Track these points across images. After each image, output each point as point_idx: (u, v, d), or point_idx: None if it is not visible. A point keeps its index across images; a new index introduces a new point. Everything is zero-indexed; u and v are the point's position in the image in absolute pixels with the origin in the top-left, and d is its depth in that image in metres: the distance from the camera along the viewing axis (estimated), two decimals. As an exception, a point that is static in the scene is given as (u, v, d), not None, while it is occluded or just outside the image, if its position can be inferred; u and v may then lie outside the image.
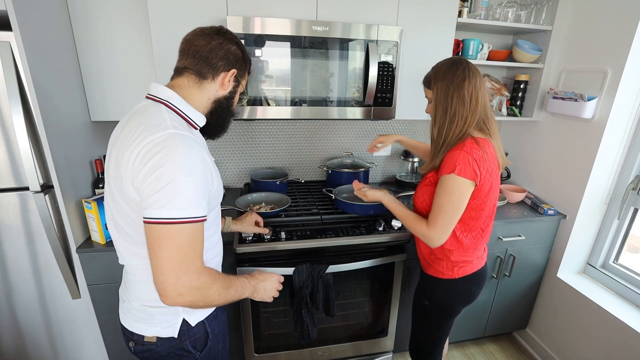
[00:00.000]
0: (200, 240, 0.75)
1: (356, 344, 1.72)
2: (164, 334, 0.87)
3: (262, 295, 0.97)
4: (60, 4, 1.29)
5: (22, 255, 1.32)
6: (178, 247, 0.71)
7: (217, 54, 0.85)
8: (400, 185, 2.05)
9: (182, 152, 0.71)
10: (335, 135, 2.03)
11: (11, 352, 1.44)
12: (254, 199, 1.67)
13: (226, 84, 0.88)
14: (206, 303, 0.78)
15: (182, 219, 0.71)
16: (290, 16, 1.42)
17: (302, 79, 1.47)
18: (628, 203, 1.62)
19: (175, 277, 0.71)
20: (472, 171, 1.05)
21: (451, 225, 1.12)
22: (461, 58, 1.13)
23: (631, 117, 1.57)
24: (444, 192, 1.09)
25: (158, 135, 0.71)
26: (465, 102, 1.08)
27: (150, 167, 0.70)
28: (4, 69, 1.09)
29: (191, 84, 0.86)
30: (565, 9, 1.71)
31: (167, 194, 0.69)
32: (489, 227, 1.22)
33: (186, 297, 0.73)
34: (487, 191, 1.12)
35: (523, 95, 1.94)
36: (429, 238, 1.14)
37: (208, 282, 0.76)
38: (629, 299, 1.61)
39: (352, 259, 1.49)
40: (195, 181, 0.73)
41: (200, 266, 0.75)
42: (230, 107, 0.95)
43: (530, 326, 2.05)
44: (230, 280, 0.85)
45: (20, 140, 1.14)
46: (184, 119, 0.83)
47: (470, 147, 1.07)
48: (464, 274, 1.22)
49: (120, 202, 0.79)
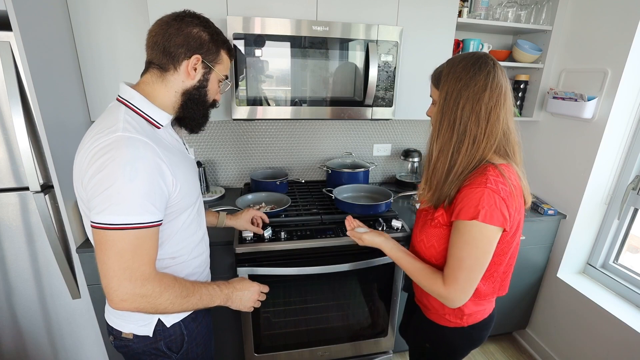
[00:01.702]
0: (148, 246, 0.72)
1: (356, 344, 1.72)
2: (139, 332, 0.87)
3: (238, 305, 0.94)
4: (60, 4, 1.30)
5: (22, 255, 1.32)
6: (119, 253, 0.69)
7: (174, 41, 0.78)
8: (400, 185, 2.05)
9: (125, 157, 0.68)
10: (335, 135, 2.03)
11: (11, 352, 1.44)
12: (254, 199, 1.67)
13: (192, 72, 0.82)
14: (157, 310, 0.75)
15: (123, 225, 0.68)
16: (290, 16, 1.43)
17: (302, 79, 1.47)
18: (628, 203, 1.62)
19: (116, 283, 0.69)
20: (500, 215, 0.81)
21: (475, 282, 0.87)
22: (488, 56, 0.86)
23: (631, 117, 1.57)
24: (466, 244, 0.84)
25: (106, 139, 0.70)
26: (481, 120, 0.83)
27: (93, 170, 0.69)
28: (4, 69, 1.09)
29: (154, 79, 0.82)
30: (565, 9, 1.71)
31: (107, 199, 0.68)
32: (510, 271, 0.99)
33: (130, 304, 0.71)
34: (513, 234, 0.89)
35: (523, 95, 1.94)
36: (447, 299, 0.89)
37: (156, 290, 0.73)
38: (629, 299, 1.61)
39: (352, 259, 1.49)
40: (139, 186, 0.69)
41: (148, 273, 0.72)
42: (203, 97, 0.87)
43: (530, 326, 2.05)
44: (194, 288, 0.82)
45: (20, 140, 1.14)
46: (144, 118, 0.79)
47: (495, 181, 0.81)
48: (474, 322, 1.00)
49: (80, 203, 0.80)
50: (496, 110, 0.84)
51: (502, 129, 0.86)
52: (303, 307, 1.62)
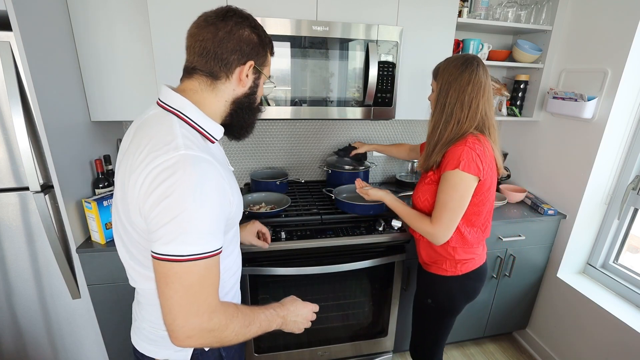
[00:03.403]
0: (214, 275, 0.66)
1: (356, 344, 1.72)
2: (175, 357, 0.80)
3: (292, 327, 0.86)
4: (60, 4, 1.29)
5: (22, 255, 1.32)
6: (187, 286, 0.62)
7: (227, 46, 0.71)
8: (400, 185, 2.05)
9: (193, 179, 0.61)
10: (335, 136, 2.03)
11: (11, 352, 1.44)
12: (254, 199, 1.67)
13: (244, 79, 0.75)
14: (222, 344, 0.69)
15: (193, 256, 0.62)
16: (290, 16, 1.42)
17: (302, 79, 1.47)
18: (628, 203, 1.62)
19: (183, 319, 0.62)
20: (475, 166, 1.05)
21: (456, 221, 1.11)
22: (474, 58, 1.10)
23: (631, 117, 1.57)
24: (448, 188, 1.08)
25: (167, 158, 0.62)
26: (464, 107, 1.08)
27: (157, 196, 0.61)
28: (4, 69, 1.09)
29: (203, 87, 0.74)
30: (565, 9, 1.71)
31: (176, 228, 0.61)
32: (489, 223, 1.24)
33: (196, 340, 0.65)
34: (487, 187, 1.12)
35: (523, 95, 1.94)
36: (433, 235, 1.13)
37: (222, 323, 0.67)
38: (629, 299, 1.61)
39: (352, 259, 1.49)
40: (210, 212, 0.64)
41: (214, 305, 0.66)
42: (253, 104, 0.81)
43: (530, 326, 2.05)
44: (253, 315, 0.75)
45: (20, 140, 1.14)
46: (198, 132, 0.72)
47: (472, 142, 1.07)
48: (467, 270, 1.22)
49: (128, 227, 0.71)
50: (476, 100, 1.08)
51: (480, 114, 1.10)
52: (303, 307, 1.62)
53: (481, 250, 1.25)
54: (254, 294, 1.48)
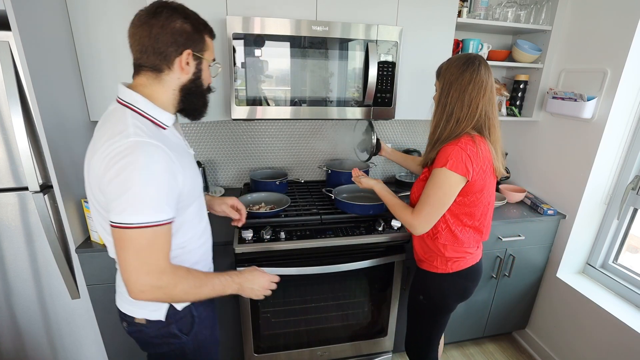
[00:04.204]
0: (163, 242, 0.78)
1: (356, 344, 1.72)
2: (152, 317, 0.91)
3: (249, 294, 0.98)
4: (59, 4, 1.29)
5: (21, 256, 1.32)
6: (138, 249, 0.74)
7: (162, 41, 0.78)
8: (400, 185, 2.05)
9: (140, 161, 0.73)
10: (335, 135, 2.03)
11: (10, 352, 1.44)
12: (254, 199, 1.67)
13: (186, 67, 0.83)
14: (173, 300, 0.84)
15: (141, 224, 0.73)
16: (289, 16, 1.42)
17: (302, 79, 1.47)
18: (627, 203, 1.62)
19: (135, 277, 0.75)
20: (464, 167, 1.06)
21: (435, 216, 1.14)
22: (476, 57, 1.10)
23: (631, 117, 1.57)
24: (433, 185, 1.11)
25: (120, 144, 0.73)
26: (464, 106, 1.09)
27: (111, 174, 0.73)
28: (3, 69, 1.09)
29: (151, 81, 0.83)
30: (565, 9, 1.71)
31: (126, 200, 0.72)
32: (484, 227, 1.23)
33: (148, 295, 0.77)
34: (479, 189, 1.12)
35: (523, 95, 1.94)
36: (412, 226, 1.18)
37: (171, 282, 0.79)
38: (629, 299, 1.61)
39: (352, 259, 1.49)
40: (155, 188, 0.75)
41: (163, 266, 0.78)
42: (200, 87, 0.89)
43: (530, 326, 2.05)
44: (206, 278, 0.87)
45: (20, 140, 1.14)
46: (150, 121, 0.82)
47: (465, 143, 1.08)
48: (457, 269, 1.22)
49: (95, 204, 0.84)
50: (477, 100, 1.08)
51: (479, 114, 1.10)
52: (303, 307, 1.62)
53: (474, 251, 1.25)
54: (254, 294, 1.47)
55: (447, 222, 1.18)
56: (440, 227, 1.19)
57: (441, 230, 1.19)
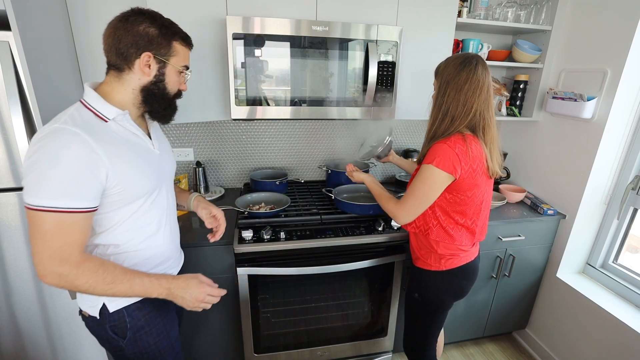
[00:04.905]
0: (71, 230, 0.77)
1: (356, 344, 1.72)
2: (90, 312, 0.92)
3: (181, 302, 0.90)
4: (59, 4, 1.29)
5: (21, 255, 1.32)
6: (42, 232, 0.75)
7: (124, 42, 0.82)
8: (400, 185, 2.05)
9: (53, 145, 0.74)
10: (335, 135, 2.03)
11: (10, 352, 1.43)
12: (254, 199, 1.67)
13: (146, 69, 0.85)
14: (78, 290, 0.80)
15: (42, 207, 0.73)
16: (289, 16, 1.42)
17: (302, 79, 1.47)
18: (627, 203, 1.62)
19: (39, 259, 0.76)
20: (451, 165, 1.07)
21: (418, 209, 1.17)
22: (474, 57, 1.11)
23: (631, 117, 1.57)
24: (419, 179, 1.14)
25: (44, 131, 0.76)
26: (459, 105, 1.09)
27: (26, 157, 0.76)
28: (3, 69, 1.08)
29: (112, 79, 0.87)
30: (565, 9, 1.71)
31: (29, 181, 0.74)
32: (478, 226, 1.22)
33: (50, 279, 0.77)
34: (468, 187, 1.13)
35: (522, 95, 1.94)
36: (395, 215, 1.22)
37: (73, 272, 0.77)
38: (629, 299, 1.61)
39: (352, 259, 1.49)
40: (59, 173, 0.74)
41: (68, 254, 0.77)
42: (163, 90, 0.90)
43: (530, 326, 2.05)
44: (125, 276, 0.82)
45: (20, 140, 1.14)
46: (93, 113, 0.84)
47: (454, 141, 1.09)
48: (451, 267, 1.23)
49: None
50: (472, 99, 1.09)
51: (474, 113, 1.10)
52: (302, 307, 1.62)
53: (468, 249, 1.25)
54: (254, 294, 1.47)
55: (437, 218, 1.19)
56: (431, 223, 1.21)
57: (432, 226, 1.21)
